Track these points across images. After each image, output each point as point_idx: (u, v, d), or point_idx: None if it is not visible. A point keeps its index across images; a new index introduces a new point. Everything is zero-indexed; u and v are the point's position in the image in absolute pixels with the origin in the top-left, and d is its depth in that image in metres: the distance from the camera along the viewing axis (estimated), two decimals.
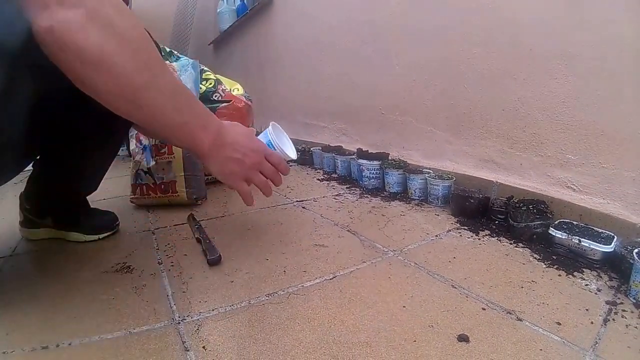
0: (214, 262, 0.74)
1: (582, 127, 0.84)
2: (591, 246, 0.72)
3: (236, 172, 0.65)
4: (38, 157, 0.82)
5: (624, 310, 0.58)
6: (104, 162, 0.89)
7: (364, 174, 1.30)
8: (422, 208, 1.09)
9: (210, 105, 1.32)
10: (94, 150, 0.80)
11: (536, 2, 0.90)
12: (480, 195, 0.98)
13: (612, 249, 0.70)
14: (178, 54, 1.35)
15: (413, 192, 1.17)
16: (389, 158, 1.33)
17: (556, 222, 0.82)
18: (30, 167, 0.84)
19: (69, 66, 0.45)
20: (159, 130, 0.56)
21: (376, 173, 1.28)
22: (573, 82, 0.85)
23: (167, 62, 1.28)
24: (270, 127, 0.79)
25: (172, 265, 0.75)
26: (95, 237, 0.88)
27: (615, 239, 0.73)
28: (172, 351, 0.50)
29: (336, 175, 1.52)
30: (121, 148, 1.99)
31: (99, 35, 0.43)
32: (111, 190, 1.35)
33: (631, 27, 0.74)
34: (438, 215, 1.03)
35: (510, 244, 0.83)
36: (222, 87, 1.39)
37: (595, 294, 0.63)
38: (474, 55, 1.07)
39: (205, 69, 1.44)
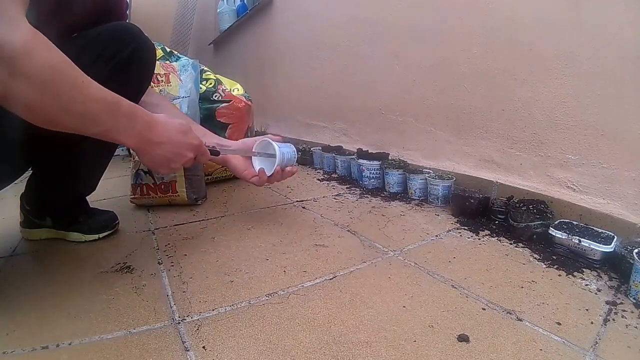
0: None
1: (582, 127, 0.84)
2: (591, 246, 0.72)
3: (163, 166, 0.68)
4: (36, 159, 0.82)
5: (624, 310, 0.58)
6: (101, 162, 0.89)
7: (364, 174, 1.30)
8: (422, 208, 1.09)
9: (210, 105, 1.32)
10: (90, 150, 0.81)
11: (536, 2, 0.90)
12: (480, 195, 0.98)
13: (612, 249, 0.70)
14: (178, 54, 1.35)
15: (413, 192, 1.17)
16: (389, 158, 1.33)
17: (556, 222, 0.82)
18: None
19: None
20: (88, 135, 0.58)
21: (376, 173, 1.28)
22: (573, 82, 0.85)
23: (167, 61, 1.28)
24: (257, 145, 0.91)
25: (172, 265, 0.75)
26: (95, 236, 0.88)
27: (615, 239, 0.73)
28: (172, 351, 0.50)
29: (336, 175, 1.52)
30: (121, 148, 1.99)
31: (15, 85, 0.47)
32: (111, 190, 1.35)
33: (631, 27, 0.74)
34: (438, 215, 1.03)
35: (510, 244, 0.83)
36: (222, 87, 1.39)
37: (595, 294, 0.63)
38: (474, 55, 1.07)
39: (206, 68, 1.44)
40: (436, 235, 0.89)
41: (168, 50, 1.34)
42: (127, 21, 0.86)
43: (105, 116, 0.56)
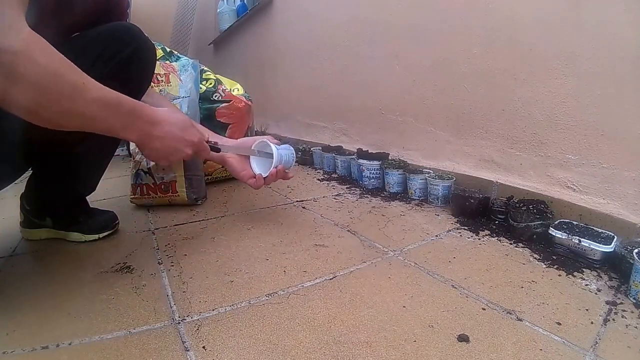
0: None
1: (582, 127, 0.84)
2: (591, 246, 0.72)
3: (161, 159, 0.71)
4: (36, 160, 0.82)
5: (624, 310, 0.58)
6: (101, 162, 0.90)
7: (364, 174, 1.30)
8: (422, 208, 1.09)
9: (210, 105, 1.32)
10: (90, 151, 0.81)
11: (536, 2, 0.90)
12: (480, 195, 0.98)
13: (612, 249, 0.70)
14: (178, 54, 1.35)
15: (413, 192, 1.17)
16: (389, 158, 1.33)
17: (556, 222, 0.82)
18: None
19: None
20: (92, 132, 0.59)
21: (376, 173, 1.28)
22: (573, 82, 0.85)
23: (167, 61, 1.28)
24: (256, 145, 0.91)
25: (172, 265, 0.75)
26: (95, 236, 0.88)
27: (615, 239, 0.73)
28: (172, 351, 0.50)
29: (336, 175, 1.52)
30: (121, 148, 2.00)
31: (15, 90, 0.47)
32: (111, 190, 1.35)
33: (631, 27, 0.74)
34: (438, 215, 1.03)
35: (510, 244, 0.83)
36: (222, 87, 1.39)
37: (595, 294, 0.63)
38: (474, 55, 1.07)
39: (206, 68, 1.44)
40: (436, 235, 0.88)
41: (168, 50, 1.34)
42: (128, 20, 0.86)
43: (107, 116, 0.57)
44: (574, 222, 0.82)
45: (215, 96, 1.34)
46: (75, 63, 0.52)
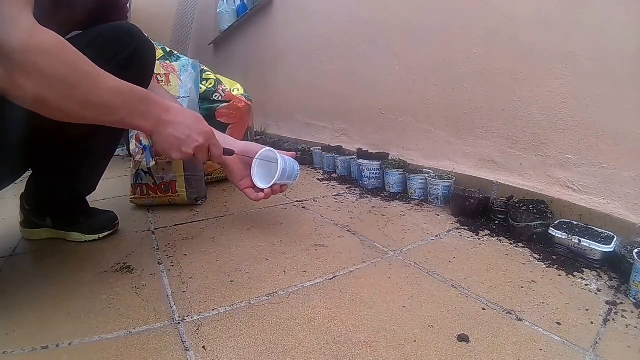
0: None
1: (582, 127, 0.84)
2: (591, 246, 0.72)
3: (174, 148, 0.68)
4: (36, 159, 0.82)
5: (624, 310, 0.58)
6: (101, 162, 0.90)
7: (364, 174, 1.30)
8: (422, 208, 1.09)
9: (210, 105, 1.32)
10: (90, 150, 0.81)
11: (536, 1, 0.90)
12: (480, 195, 0.98)
13: (612, 249, 0.70)
14: (178, 54, 1.35)
15: (413, 192, 1.17)
16: (389, 158, 1.33)
17: (556, 222, 0.82)
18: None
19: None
20: (106, 124, 0.60)
21: (376, 173, 1.28)
22: (573, 82, 0.85)
23: (167, 61, 1.28)
24: (258, 155, 0.84)
25: (172, 265, 0.75)
26: (95, 236, 0.88)
27: (615, 239, 0.73)
28: (172, 351, 0.50)
29: (336, 175, 1.52)
30: (121, 148, 1.99)
31: (29, 84, 0.48)
32: (111, 190, 1.35)
33: (631, 27, 0.74)
34: (438, 215, 1.03)
35: (510, 244, 0.83)
36: (222, 87, 1.39)
37: (595, 294, 0.63)
38: (474, 55, 1.07)
39: (206, 68, 1.44)
40: (436, 235, 0.89)
41: (168, 50, 1.34)
42: (128, 16, 0.86)
43: (122, 104, 0.58)
44: (574, 222, 0.82)
45: (215, 96, 1.34)
46: None
